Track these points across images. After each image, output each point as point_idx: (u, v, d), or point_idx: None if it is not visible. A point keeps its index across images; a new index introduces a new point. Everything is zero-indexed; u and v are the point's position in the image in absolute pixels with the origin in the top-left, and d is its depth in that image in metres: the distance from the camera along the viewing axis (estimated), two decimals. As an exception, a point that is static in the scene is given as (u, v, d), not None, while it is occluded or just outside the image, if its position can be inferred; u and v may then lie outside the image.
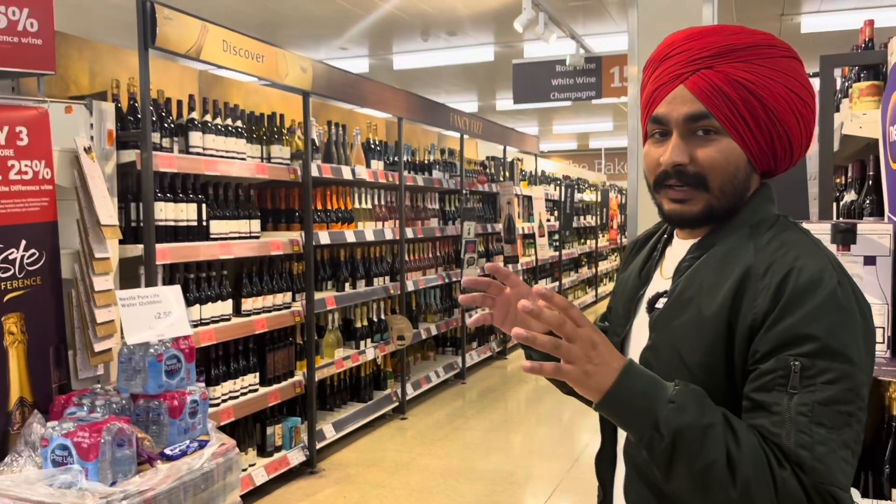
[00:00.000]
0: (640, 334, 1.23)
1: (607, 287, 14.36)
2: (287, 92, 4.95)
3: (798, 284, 1.03)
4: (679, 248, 1.24)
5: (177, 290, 3.15)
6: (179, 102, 3.80)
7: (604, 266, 14.05)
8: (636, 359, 1.16)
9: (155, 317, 3.06)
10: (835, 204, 2.77)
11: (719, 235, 1.17)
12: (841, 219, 2.32)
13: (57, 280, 2.99)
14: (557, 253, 10.40)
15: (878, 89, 2.31)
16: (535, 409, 6.23)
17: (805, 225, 1.26)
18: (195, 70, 4.38)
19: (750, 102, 1.10)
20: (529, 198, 9.04)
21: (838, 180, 3.14)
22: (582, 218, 12.00)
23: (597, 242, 13.32)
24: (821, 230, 1.94)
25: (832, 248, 1.89)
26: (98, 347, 3.15)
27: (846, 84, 2.43)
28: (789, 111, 1.12)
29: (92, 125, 3.22)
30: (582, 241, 12.43)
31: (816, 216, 2.38)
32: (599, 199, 13.39)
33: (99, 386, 3.05)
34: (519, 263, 8.40)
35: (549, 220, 9.79)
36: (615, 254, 15.21)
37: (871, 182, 2.39)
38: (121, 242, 3.26)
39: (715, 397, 1.05)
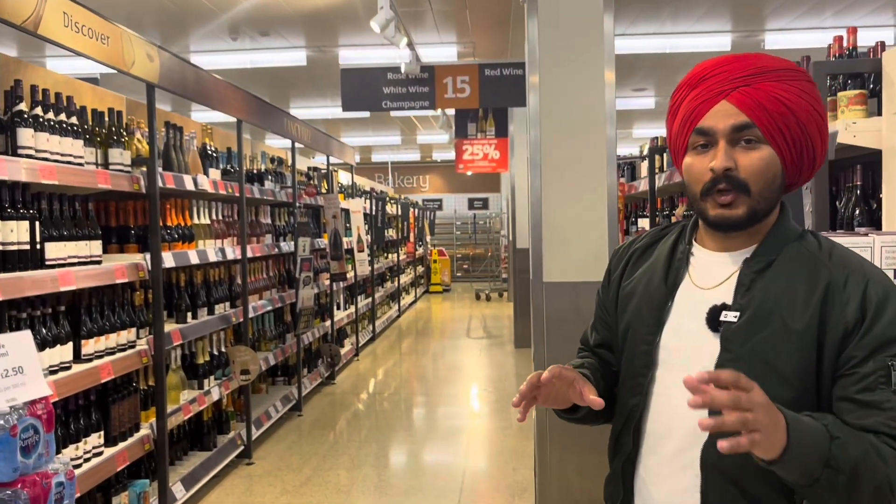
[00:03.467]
0: (688, 345, 1.29)
1: (407, 299, 14.27)
2: (98, 86, 4.09)
3: (879, 294, 1.19)
4: (711, 258, 1.32)
5: (26, 336, 2.38)
6: (-4, 89, 2.91)
7: (404, 280, 13.94)
8: (705, 369, 1.13)
9: (2, 375, 2.27)
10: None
11: (769, 249, 1.27)
12: (840, 230, 2.29)
13: None
14: (370, 268, 10.06)
15: (865, 98, 2.31)
16: (386, 435, 5.82)
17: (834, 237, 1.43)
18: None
19: (786, 116, 1.22)
20: (347, 211, 8.60)
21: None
22: (387, 231, 11.77)
23: (398, 256, 13.17)
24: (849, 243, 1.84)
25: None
26: None
27: (829, 92, 2.40)
28: (815, 127, 1.25)
29: None
30: (385, 255, 12.20)
31: (812, 226, 2.31)
32: (400, 213, 13.26)
33: None
34: (346, 280, 7.94)
35: (367, 234, 9.42)
36: (410, 266, 15.19)
37: (859, 192, 2.38)
38: (-69, 275, 2.38)
39: (808, 401, 1.19)
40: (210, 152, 4.90)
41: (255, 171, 5.93)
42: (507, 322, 12.02)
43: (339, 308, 8.52)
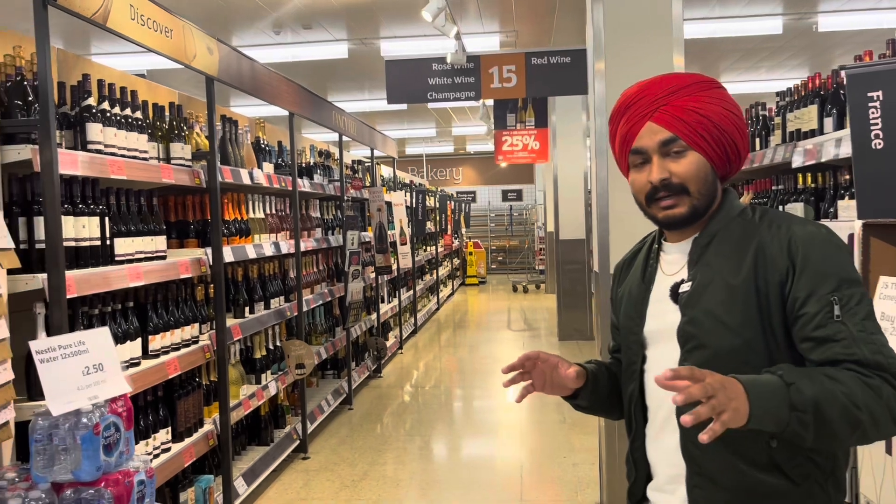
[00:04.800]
0: (662, 322, 1.49)
1: (445, 292, 14.22)
2: (153, 82, 4.06)
3: (803, 239, 1.37)
4: (674, 250, 1.53)
5: (105, 333, 2.36)
6: (63, 85, 2.88)
7: (441, 272, 13.89)
8: (674, 338, 1.45)
9: (83, 372, 2.25)
10: None
11: (714, 228, 1.48)
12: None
13: (-71, 331, 2.07)
14: (412, 261, 10.01)
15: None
16: (438, 429, 5.77)
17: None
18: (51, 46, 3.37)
19: (703, 123, 1.43)
20: (390, 204, 8.55)
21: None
22: (427, 224, 11.72)
23: (437, 248, 13.11)
24: None
25: None
26: (-6, 422, 2.25)
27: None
28: (732, 125, 1.45)
29: (-34, 110, 2.29)
30: (424, 248, 12.15)
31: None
32: (438, 205, 13.20)
33: (-7, 476, 2.16)
34: (391, 273, 7.90)
35: (409, 227, 9.37)
36: (447, 259, 15.14)
37: None
38: (10, 272, 2.36)
39: (757, 346, 1.37)
40: (263, 146, 4.87)
41: (303, 165, 5.90)
42: (547, 314, 11.91)
43: (382, 301, 8.49)
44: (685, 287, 1.46)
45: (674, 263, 1.53)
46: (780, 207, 3.56)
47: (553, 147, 9.92)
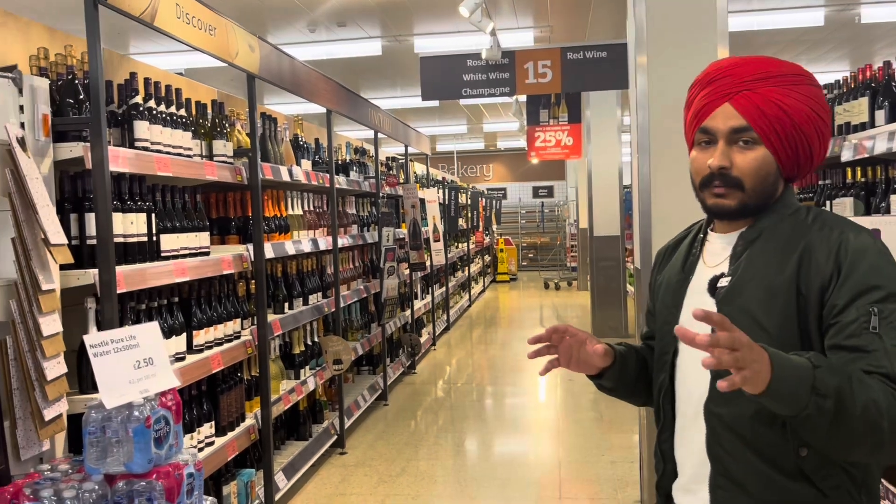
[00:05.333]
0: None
1: (476, 289, 14.20)
2: (194, 80, 4.11)
3: (855, 247, 1.29)
4: (719, 241, 1.47)
5: (154, 328, 2.39)
6: (110, 84, 2.92)
7: (473, 269, 13.87)
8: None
9: (134, 366, 2.28)
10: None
11: (764, 224, 1.41)
12: None
13: (-13, 324, 2.12)
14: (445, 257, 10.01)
15: None
16: (472, 425, 5.76)
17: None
18: (83, 40, 3.41)
19: (782, 119, 1.34)
20: (422, 200, 8.56)
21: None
22: (459, 220, 11.71)
23: (468, 245, 13.10)
24: None
25: None
26: (49, 414, 2.30)
27: None
28: (812, 128, 1.36)
29: (22, 108, 2.33)
30: (456, 244, 12.14)
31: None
32: (470, 202, 13.18)
33: (48, 467, 2.21)
34: (424, 269, 7.91)
35: (441, 224, 9.38)
36: (478, 256, 15.11)
37: None
38: (62, 268, 2.40)
39: (792, 350, 1.23)
40: (301, 143, 4.90)
41: (339, 162, 5.93)
42: (580, 311, 11.84)
43: (416, 298, 8.50)
44: (724, 282, 1.40)
45: (716, 255, 1.46)
46: (828, 202, 3.48)
47: (587, 143, 9.84)
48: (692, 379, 1.44)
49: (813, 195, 3.75)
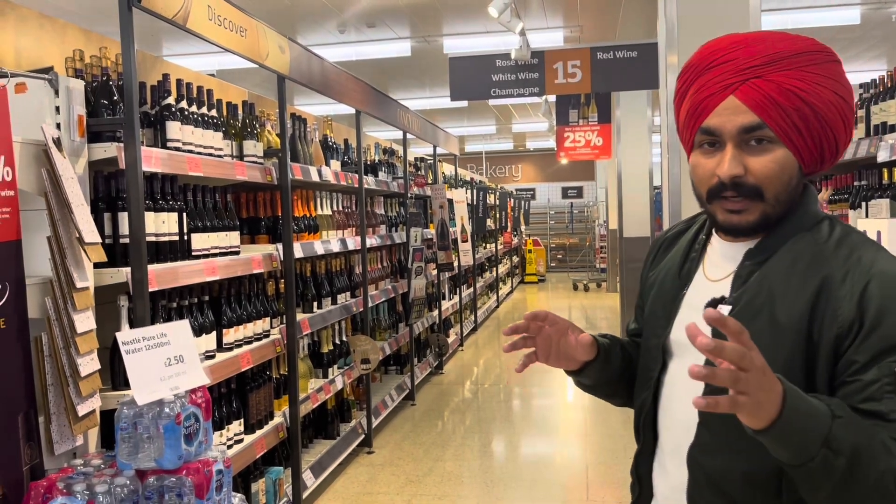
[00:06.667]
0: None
1: (504, 289, 14.17)
2: (225, 81, 4.16)
3: (884, 293, 1.05)
4: (724, 249, 1.23)
5: (185, 326, 2.42)
6: (143, 85, 2.96)
7: (501, 270, 13.85)
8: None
9: (165, 364, 2.31)
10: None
11: (777, 240, 1.17)
12: None
13: (23, 321, 2.17)
14: (473, 258, 10.01)
15: None
16: (500, 426, 5.75)
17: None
18: (117, 42, 3.46)
19: (802, 111, 1.10)
20: (450, 201, 8.56)
21: None
22: (487, 221, 11.70)
23: (496, 246, 13.08)
24: None
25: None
26: (82, 410, 2.34)
27: None
28: (837, 116, 1.12)
29: (58, 109, 2.38)
30: (484, 245, 12.13)
31: None
32: (498, 203, 13.16)
33: (80, 462, 2.25)
34: (452, 270, 7.91)
35: (469, 224, 9.38)
36: (506, 257, 15.08)
37: None
38: (96, 266, 2.44)
39: None
40: (330, 143, 4.93)
41: (368, 163, 5.96)
42: (609, 313, 11.75)
43: (444, 298, 8.51)
44: (724, 309, 1.17)
45: (718, 267, 1.23)
46: (863, 204, 3.42)
47: (617, 143, 9.77)
48: (679, 407, 1.24)
49: (848, 196, 3.68)
